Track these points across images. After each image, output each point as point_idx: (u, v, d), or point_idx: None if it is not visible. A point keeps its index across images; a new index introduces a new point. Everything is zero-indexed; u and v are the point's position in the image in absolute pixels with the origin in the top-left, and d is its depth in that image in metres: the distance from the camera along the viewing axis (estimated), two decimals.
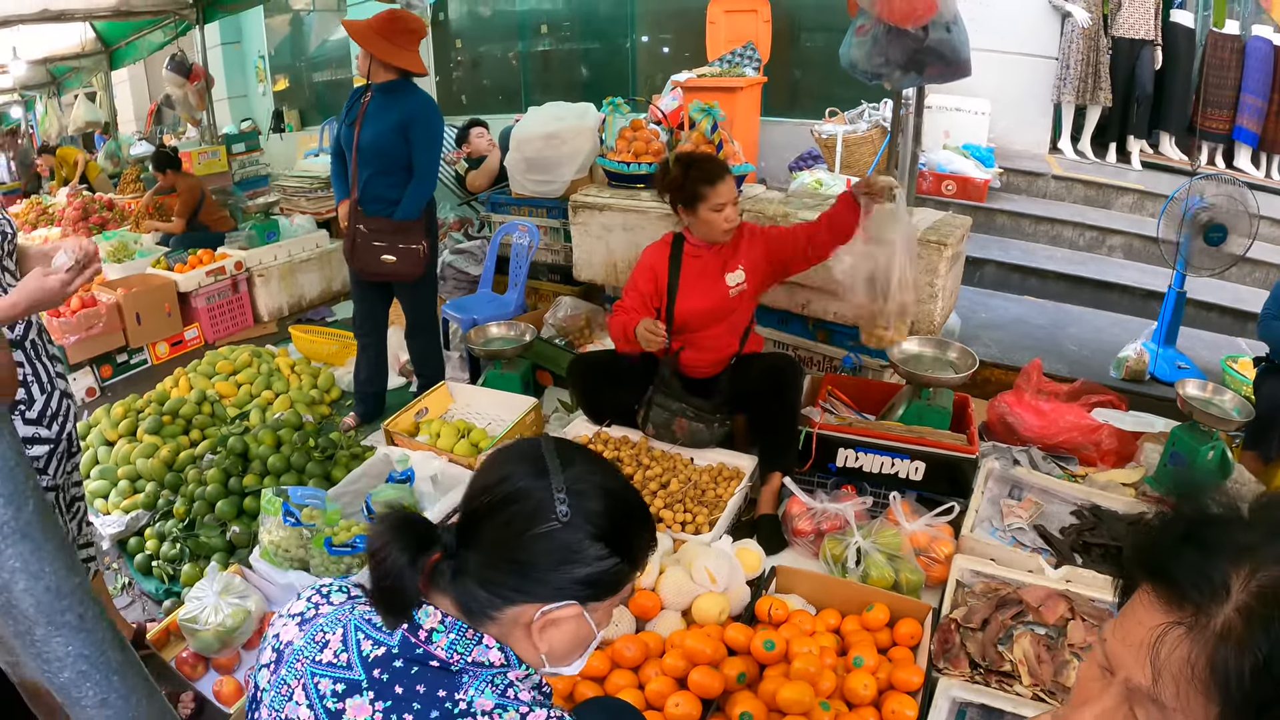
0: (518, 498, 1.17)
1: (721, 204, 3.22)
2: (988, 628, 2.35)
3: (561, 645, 1.21)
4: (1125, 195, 7.01)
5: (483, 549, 1.17)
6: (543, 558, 1.15)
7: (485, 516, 1.18)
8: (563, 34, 10.29)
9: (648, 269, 3.42)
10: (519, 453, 1.23)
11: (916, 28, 3.68)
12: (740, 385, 3.34)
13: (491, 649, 1.16)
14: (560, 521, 1.15)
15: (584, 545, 1.16)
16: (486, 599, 1.17)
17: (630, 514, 1.24)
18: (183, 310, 5.73)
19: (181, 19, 8.56)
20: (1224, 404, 3.22)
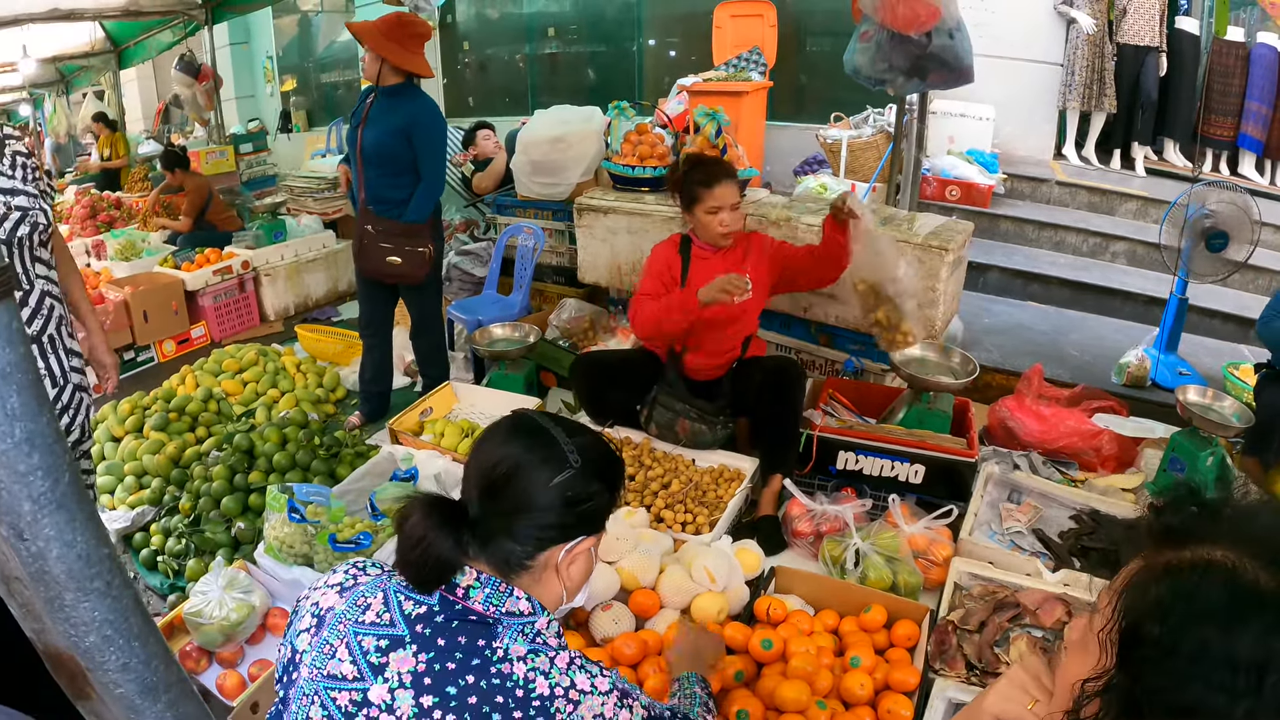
0: (533, 458, 1.35)
1: (716, 207, 3.23)
2: (984, 630, 2.37)
3: (578, 578, 1.43)
4: (1129, 202, 7.01)
5: (509, 511, 1.34)
6: (562, 502, 1.35)
7: (506, 482, 1.34)
8: (570, 37, 10.31)
9: (662, 260, 3.43)
10: (515, 427, 1.42)
11: (919, 34, 3.71)
12: (743, 387, 3.36)
13: (520, 599, 1.31)
14: (574, 468, 1.36)
15: (591, 484, 1.38)
16: (522, 551, 1.35)
17: (612, 454, 1.47)
18: (189, 309, 5.77)
19: (190, 19, 8.59)
20: (1224, 410, 3.23)
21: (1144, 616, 0.89)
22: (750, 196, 4.39)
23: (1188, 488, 0.99)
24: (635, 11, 9.48)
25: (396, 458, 3.34)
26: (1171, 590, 0.89)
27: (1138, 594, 0.92)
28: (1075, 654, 1.02)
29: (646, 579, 2.55)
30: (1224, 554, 0.89)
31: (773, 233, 4.04)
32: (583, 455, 1.38)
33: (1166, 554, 0.93)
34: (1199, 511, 0.95)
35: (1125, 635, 0.91)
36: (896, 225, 3.83)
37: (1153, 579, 0.91)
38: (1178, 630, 0.86)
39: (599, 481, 1.40)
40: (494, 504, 1.35)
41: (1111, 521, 2.94)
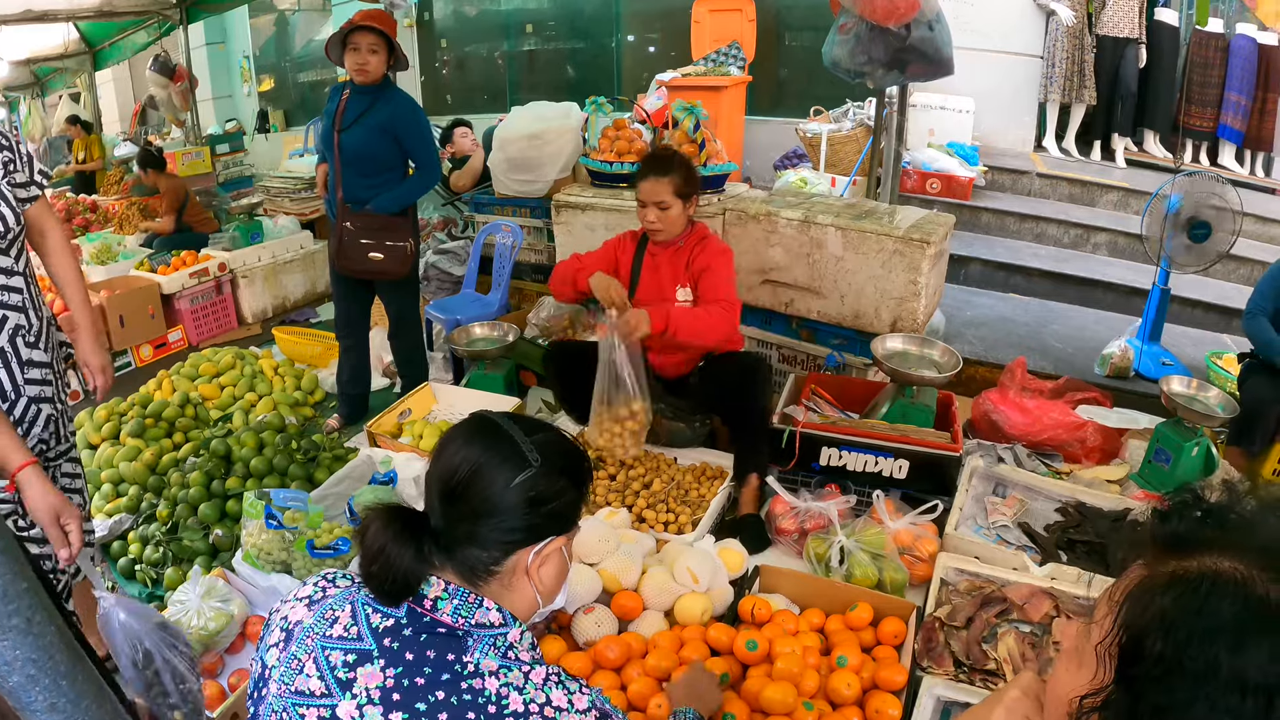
0: (492, 459, 1.30)
1: (643, 201, 3.22)
2: (972, 626, 2.35)
3: (551, 580, 1.39)
4: (1110, 193, 7.03)
5: (473, 514, 1.29)
6: (525, 502, 1.30)
7: (466, 486, 1.30)
8: (548, 33, 10.28)
9: (611, 251, 3.45)
10: (473, 429, 1.38)
11: (899, 26, 3.70)
12: (710, 387, 3.34)
13: (491, 610, 1.27)
14: (534, 466, 1.30)
15: (554, 483, 1.33)
16: (488, 556, 1.30)
17: (575, 449, 1.42)
18: (166, 312, 5.69)
19: (165, 19, 8.51)
20: (1208, 400, 3.23)
21: (1147, 631, 0.84)
22: (730, 191, 4.36)
23: (1192, 493, 0.93)
24: (613, 7, 9.46)
25: (375, 461, 3.30)
26: (1177, 603, 0.83)
27: (1140, 606, 0.86)
28: (1068, 665, 0.97)
29: (628, 581, 2.51)
30: (1232, 565, 0.84)
31: (752, 228, 4.03)
32: (543, 453, 1.33)
33: (1171, 563, 0.88)
34: (1205, 518, 0.90)
35: (1126, 650, 0.86)
36: (877, 219, 3.81)
37: (1156, 590, 0.86)
38: (1184, 647, 0.81)
39: (563, 478, 1.35)
40: (455, 510, 1.31)
41: (1097, 514, 2.93)
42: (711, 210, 4.14)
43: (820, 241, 3.86)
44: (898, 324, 3.75)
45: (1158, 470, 3.24)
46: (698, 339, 3.17)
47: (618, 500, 3.03)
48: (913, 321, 3.72)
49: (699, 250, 3.31)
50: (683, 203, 3.23)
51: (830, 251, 3.85)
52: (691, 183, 3.27)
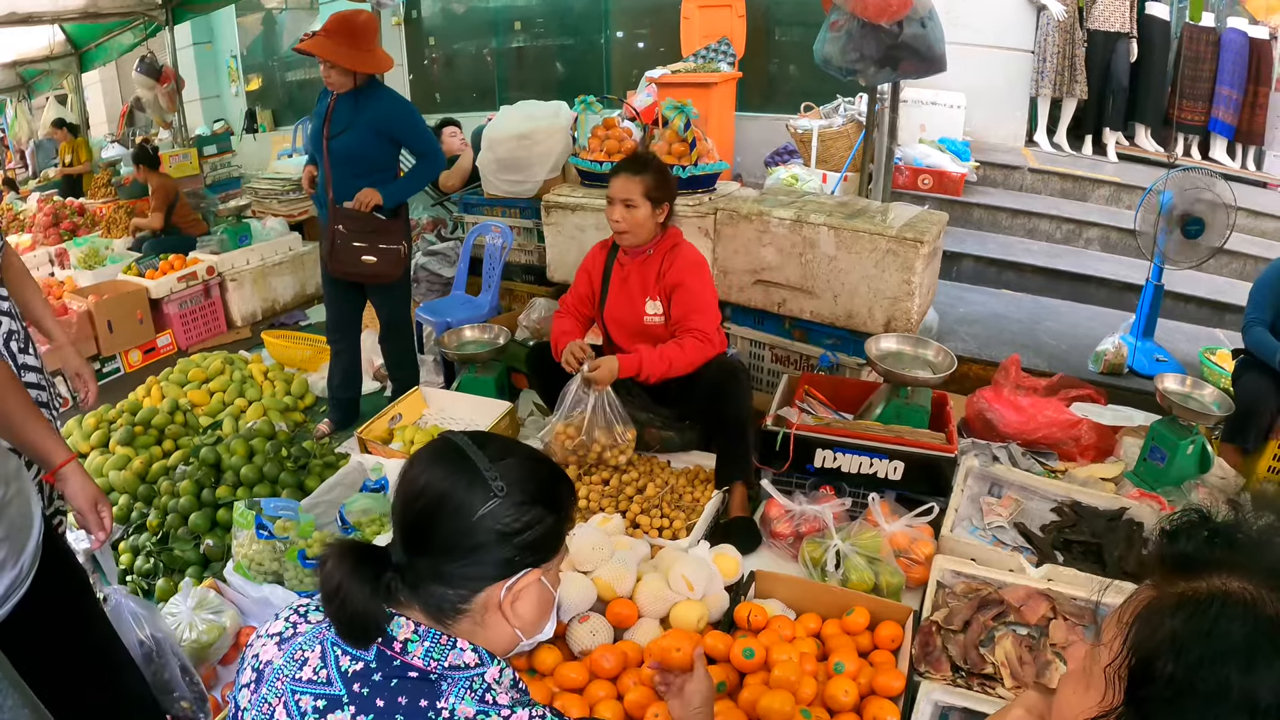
0: (453, 490, 1.22)
1: (609, 198, 3.18)
2: (969, 630, 2.33)
3: (530, 614, 1.28)
4: (1102, 188, 7.02)
5: (435, 550, 1.22)
6: (493, 536, 1.21)
7: (428, 519, 1.22)
8: (536, 31, 10.24)
9: (585, 270, 3.44)
10: (433, 454, 1.28)
11: (891, 23, 3.67)
12: (686, 396, 3.32)
13: (465, 650, 1.20)
14: (499, 496, 1.21)
15: (524, 512, 1.23)
16: (455, 594, 1.22)
17: (551, 472, 1.33)
18: (155, 317, 5.66)
19: (151, 20, 8.44)
20: (1203, 398, 3.22)
21: (1157, 652, 0.84)
22: (721, 190, 4.34)
23: (1199, 512, 0.93)
24: (602, 4, 9.42)
25: (366, 468, 3.27)
26: (1187, 625, 0.83)
27: (1150, 628, 0.86)
28: (1075, 686, 0.96)
29: (623, 588, 2.49)
30: (1241, 585, 0.84)
31: (744, 227, 4.01)
32: (510, 480, 1.23)
33: (1179, 584, 0.87)
34: (1213, 538, 0.89)
35: (1135, 671, 0.86)
36: (870, 217, 3.79)
37: (1166, 612, 0.85)
38: (1194, 669, 0.80)
39: (535, 506, 1.24)
40: (417, 546, 1.23)
41: (1093, 513, 2.92)
42: (703, 209, 4.12)
43: (813, 241, 3.84)
44: (891, 324, 3.73)
45: (1153, 468, 3.24)
46: (674, 374, 3.16)
47: (611, 506, 3.01)
48: (906, 321, 3.70)
49: (670, 262, 3.25)
50: (652, 207, 3.17)
51: (823, 251, 3.83)
52: (664, 189, 3.20)
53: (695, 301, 3.19)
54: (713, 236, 4.14)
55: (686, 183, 4.17)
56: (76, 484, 1.95)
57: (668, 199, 3.23)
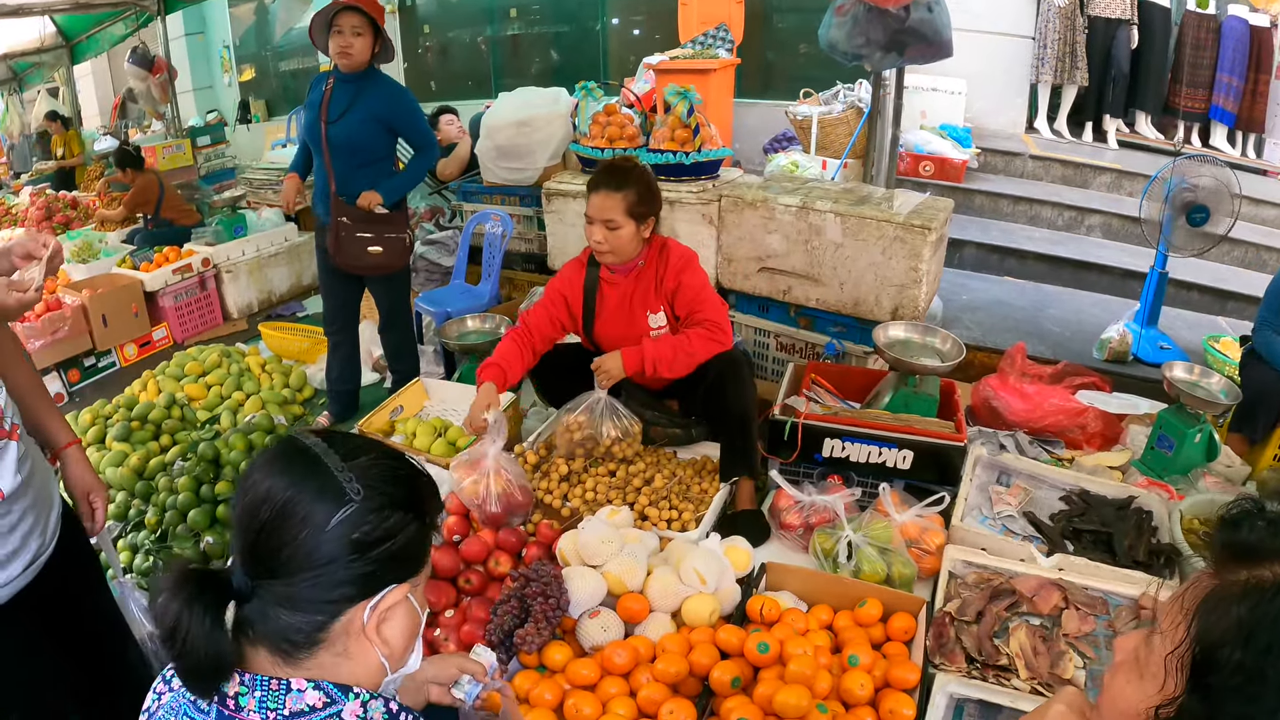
0: (300, 496, 1.06)
1: (589, 217, 2.99)
2: (983, 620, 2.31)
3: (398, 639, 1.14)
4: (1102, 174, 7.01)
5: (282, 570, 1.06)
6: (350, 547, 1.06)
7: (272, 533, 1.06)
8: (532, 18, 10.20)
9: (558, 290, 3.23)
10: (276, 457, 1.11)
11: (898, 8, 3.64)
12: (687, 391, 3.29)
13: (305, 692, 1.05)
14: (355, 500, 1.06)
15: (384, 518, 1.08)
16: (308, 621, 1.07)
17: (411, 471, 1.18)
18: (150, 310, 5.59)
19: (142, 10, 8.37)
20: (1211, 387, 3.20)
21: (1223, 640, 0.84)
22: (724, 177, 4.30)
23: (1254, 501, 0.92)
24: None
25: None
26: (1254, 612, 0.83)
27: (1215, 615, 0.86)
28: (1127, 675, 0.96)
29: (634, 583, 2.45)
30: None
31: (749, 215, 3.97)
32: (366, 481, 1.08)
33: (1242, 572, 0.87)
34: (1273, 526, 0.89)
35: (1199, 660, 0.85)
36: (876, 204, 3.76)
37: (1232, 599, 0.85)
38: (1263, 655, 0.81)
39: (397, 511, 1.10)
40: (262, 566, 1.07)
41: (1102, 502, 2.90)
42: (707, 197, 4.08)
43: (819, 228, 3.81)
44: (898, 311, 3.70)
45: (1160, 457, 3.22)
46: (681, 370, 3.01)
47: (619, 498, 2.97)
48: (914, 309, 3.67)
49: (664, 267, 3.09)
50: (636, 224, 2.99)
51: (829, 238, 3.79)
52: (648, 202, 3.01)
53: (698, 295, 3.06)
54: (717, 224, 4.11)
55: (690, 169, 4.13)
56: (75, 470, 1.95)
57: (653, 212, 3.04)
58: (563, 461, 3.15)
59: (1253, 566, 0.86)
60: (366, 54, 3.62)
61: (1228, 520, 0.92)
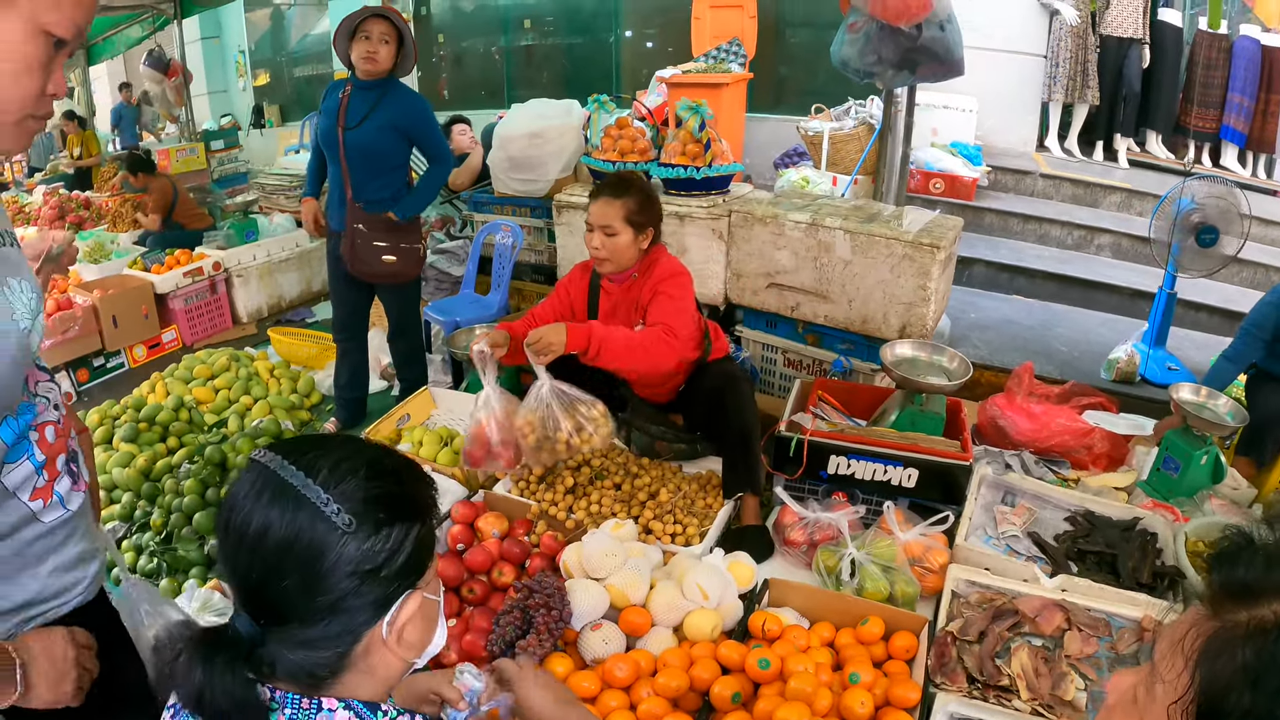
0: (289, 542, 1.01)
1: (589, 224, 3.02)
2: (985, 640, 2.31)
3: (418, 637, 1.13)
4: (1113, 194, 7.01)
5: (291, 620, 1.04)
6: (356, 581, 1.03)
7: (269, 585, 1.03)
8: (546, 29, 10.24)
9: (564, 288, 3.27)
10: (255, 495, 1.04)
11: (910, 26, 3.64)
12: (689, 408, 3.30)
13: (336, 712, 1.04)
14: (348, 531, 1.01)
15: (383, 538, 1.04)
16: (327, 657, 1.06)
17: (399, 472, 1.11)
18: (160, 312, 5.63)
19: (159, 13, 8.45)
20: (1218, 409, 3.19)
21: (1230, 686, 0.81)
22: (735, 192, 4.31)
23: (1245, 535, 0.91)
24: (612, 3, 9.42)
25: None
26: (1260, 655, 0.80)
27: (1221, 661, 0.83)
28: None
29: (636, 596, 2.46)
30: None
31: (758, 230, 3.98)
32: (352, 506, 1.02)
33: (1242, 613, 0.84)
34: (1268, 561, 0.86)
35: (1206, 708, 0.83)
36: (885, 222, 3.76)
37: (1236, 642, 0.82)
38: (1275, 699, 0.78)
39: (394, 524, 1.06)
40: (268, 617, 1.04)
41: (1107, 523, 2.89)
42: (717, 211, 4.09)
43: (828, 245, 3.81)
44: (906, 329, 3.71)
45: (1166, 479, 3.20)
46: (628, 363, 2.91)
47: (624, 511, 2.98)
48: (922, 327, 3.67)
49: (647, 279, 3.10)
50: (634, 232, 3.01)
51: (838, 255, 3.80)
52: (647, 213, 3.04)
53: (669, 305, 2.99)
54: (726, 239, 4.12)
55: (700, 184, 4.14)
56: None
57: (651, 223, 3.06)
58: (569, 474, 3.16)
59: (1252, 606, 0.84)
60: (390, 62, 3.66)
61: (1221, 558, 0.90)
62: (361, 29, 3.60)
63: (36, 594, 1.31)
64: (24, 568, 1.28)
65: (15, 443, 1.25)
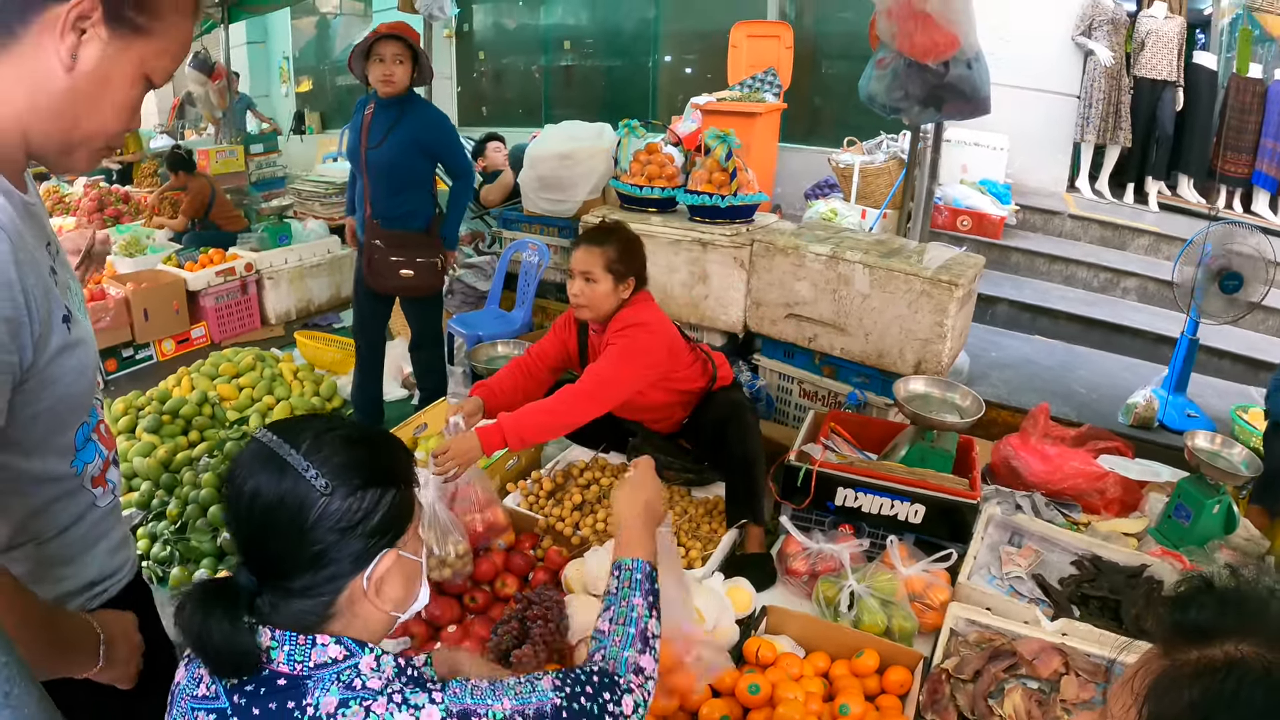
0: (276, 503, 1.15)
1: (571, 270, 3.00)
2: (979, 680, 2.31)
3: (398, 592, 1.25)
4: (1141, 237, 6.97)
5: (280, 571, 1.18)
6: (335, 536, 1.16)
7: (262, 541, 1.18)
8: (586, 50, 10.32)
9: (558, 332, 3.26)
10: (249, 464, 1.19)
11: (937, 63, 3.66)
12: (692, 438, 3.33)
13: (329, 646, 1.17)
14: (325, 494, 1.15)
15: (359, 499, 1.17)
16: (316, 604, 1.18)
17: (373, 443, 1.24)
18: (191, 309, 5.74)
19: (206, 17, 8.59)
20: (1232, 457, 3.16)
21: None
22: (759, 222, 4.34)
23: (1204, 579, 0.93)
24: (652, 27, 9.48)
25: None
26: (1206, 695, 0.82)
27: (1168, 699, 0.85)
28: None
29: None
30: (1254, 651, 0.83)
31: (779, 260, 4.01)
32: (330, 471, 1.16)
33: (1192, 652, 0.86)
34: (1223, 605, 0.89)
35: None
36: (906, 257, 3.78)
37: (1183, 682, 0.85)
38: None
39: (370, 489, 1.18)
40: (261, 570, 1.19)
41: (1113, 569, 2.88)
42: (740, 240, 4.13)
43: (847, 278, 3.84)
44: (922, 365, 3.72)
45: (1177, 526, 3.18)
46: (555, 432, 2.88)
47: None
48: (937, 364, 3.68)
49: (609, 333, 3.03)
50: (614, 281, 2.98)
51: (857, 289, 3.82)
52: (628, 261, 3.01)
53: (609, 356, 2.93)
54: (748, 268, 4.15)
55: (725, 212, 4.18)
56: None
57: (633, 272, 3.03)
58: (577, 491, 3.19)
59: (1203, 646, 0.86)
60: (407, 80, 3.73)
61: (1177, 600, 0.92)
62: (375, 51, 3.67)
63: (98, 573, 1.43)
64: (87, 549, 1.41)
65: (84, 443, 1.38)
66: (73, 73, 1.12)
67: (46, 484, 1.31)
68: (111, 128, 1.21)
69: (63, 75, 1.11)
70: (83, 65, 1.12)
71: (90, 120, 1.17)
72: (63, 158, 1.21)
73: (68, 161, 1.22)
